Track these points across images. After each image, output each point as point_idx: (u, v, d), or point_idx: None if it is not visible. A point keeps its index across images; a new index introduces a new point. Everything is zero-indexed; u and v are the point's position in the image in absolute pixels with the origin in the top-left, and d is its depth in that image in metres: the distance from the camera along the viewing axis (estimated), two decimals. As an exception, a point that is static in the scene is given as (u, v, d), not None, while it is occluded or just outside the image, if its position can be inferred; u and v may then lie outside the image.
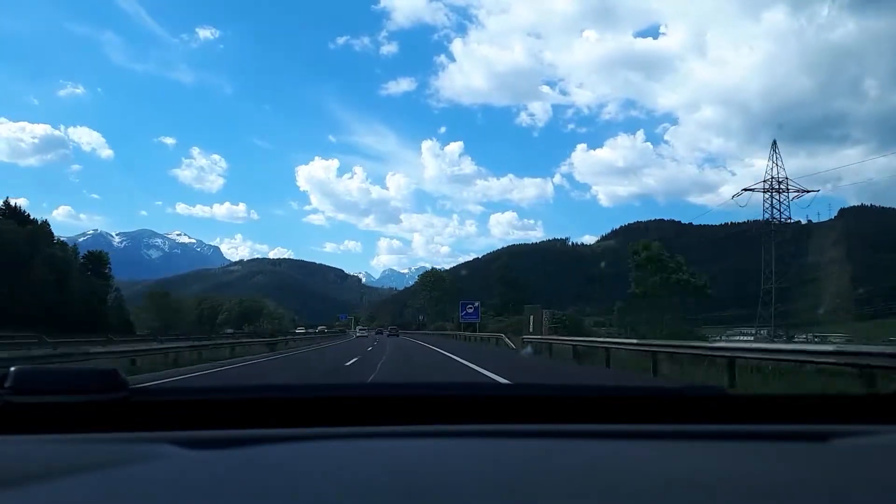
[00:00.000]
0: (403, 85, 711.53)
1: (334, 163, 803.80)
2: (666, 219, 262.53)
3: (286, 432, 0.96)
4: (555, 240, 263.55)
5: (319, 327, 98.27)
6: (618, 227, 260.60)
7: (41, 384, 0.97)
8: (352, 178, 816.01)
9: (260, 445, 0.89)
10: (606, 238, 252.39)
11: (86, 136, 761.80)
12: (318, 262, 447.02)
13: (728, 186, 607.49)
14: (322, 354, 24.64)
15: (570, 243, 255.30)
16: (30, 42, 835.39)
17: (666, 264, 39.81)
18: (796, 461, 0.86)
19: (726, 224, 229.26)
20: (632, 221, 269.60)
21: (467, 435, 0.99)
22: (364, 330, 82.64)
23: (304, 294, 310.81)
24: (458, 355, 19.63)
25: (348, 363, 17.38)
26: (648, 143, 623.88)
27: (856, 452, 0.92)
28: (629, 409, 1.13)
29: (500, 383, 7.84)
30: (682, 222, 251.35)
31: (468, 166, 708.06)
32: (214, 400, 1.14)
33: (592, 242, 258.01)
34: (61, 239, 61.12)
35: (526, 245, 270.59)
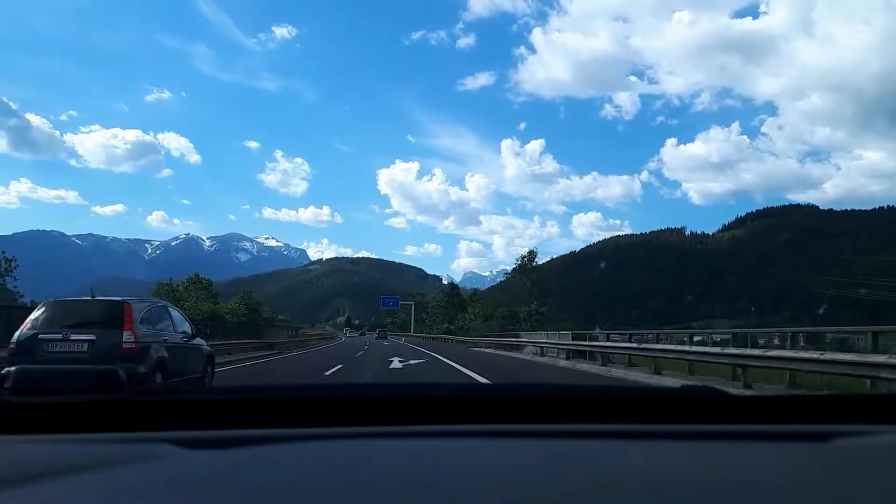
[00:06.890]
0: (481, 80, 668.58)
1: (414, 165, 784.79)
2: (802, 203, 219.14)
3: (286, 432, 0.95)
4: (668, 230, 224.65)
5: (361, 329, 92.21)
6: (743, 214, 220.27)
7: (41, 384, 1.53)
8: (431, 179, 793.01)
9: (260, 445, 0.88)
10: (730, 227, 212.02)
11: (174, 142, 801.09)
12: (398, 261, 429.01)
13: (833, 182, 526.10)
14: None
15: (686, 233, 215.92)
16: (116, 49, 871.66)
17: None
18: (796, 461, 0.86)
19: (883, 208, 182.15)
20: (760, 208, 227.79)
21: (468, 435, 0.98)
22: (353, 333, 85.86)
23: (380, 293, 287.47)
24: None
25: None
26: (745, 136, 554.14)
27: (856, 452, 0.91)
28: (629, 410, 1.12)
29: (501, 383, 6.92)
30: (821, 207, 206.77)
31: (549, 165, 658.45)
32: (214, 400, 1.14)
33: (712, 233, 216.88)
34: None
35: (633, 237, 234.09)
